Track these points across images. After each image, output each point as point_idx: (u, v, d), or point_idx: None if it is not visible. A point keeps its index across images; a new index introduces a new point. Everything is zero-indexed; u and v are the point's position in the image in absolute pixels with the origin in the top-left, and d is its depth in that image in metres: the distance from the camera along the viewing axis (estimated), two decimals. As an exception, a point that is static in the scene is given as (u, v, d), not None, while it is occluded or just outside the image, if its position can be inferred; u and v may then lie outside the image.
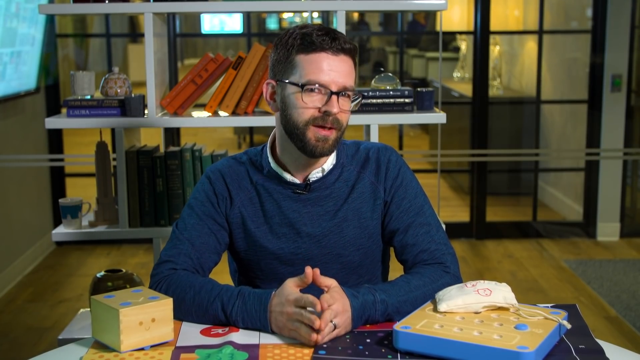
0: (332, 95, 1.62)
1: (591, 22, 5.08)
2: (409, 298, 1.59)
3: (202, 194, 1.74)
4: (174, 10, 2.63)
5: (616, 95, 5.00)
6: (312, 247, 1.71)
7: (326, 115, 1.62)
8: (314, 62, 1.62)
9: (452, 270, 1.69)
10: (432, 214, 1.75)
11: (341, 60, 1.63)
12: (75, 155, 6.27)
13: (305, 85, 1.62)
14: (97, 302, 1.46)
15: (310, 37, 1.62)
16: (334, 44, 1.62)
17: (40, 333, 3.63)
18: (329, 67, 1.62)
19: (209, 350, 1.44)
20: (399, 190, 1.74)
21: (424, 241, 1.70)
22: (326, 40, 1.62)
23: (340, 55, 1.63)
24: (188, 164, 2.61)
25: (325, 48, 1.62)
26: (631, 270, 4.48)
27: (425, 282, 1.63)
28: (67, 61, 6.00)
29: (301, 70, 1.63)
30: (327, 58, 1.62)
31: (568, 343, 1.45)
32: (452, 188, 6.35)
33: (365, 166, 1.76)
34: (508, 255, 4.82)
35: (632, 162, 5.32)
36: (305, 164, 1.71)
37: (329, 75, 1.62)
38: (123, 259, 4.73)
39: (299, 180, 1.73)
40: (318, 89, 1.62)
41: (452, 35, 7.67)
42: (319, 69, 1.62)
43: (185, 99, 2.62)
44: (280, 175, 1.72)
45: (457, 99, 6.20)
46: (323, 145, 1.64)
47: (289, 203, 1.72)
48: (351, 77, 1.65)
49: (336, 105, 1.62)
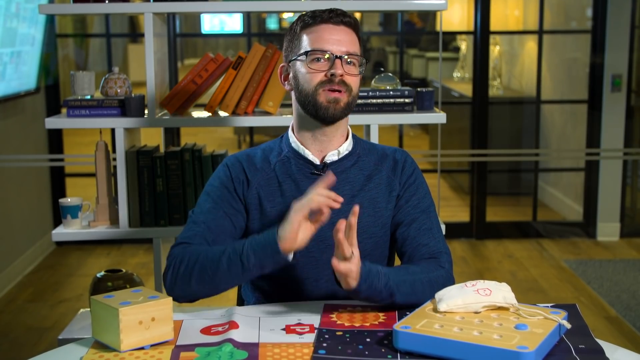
0: (336, 59, 1.70)
1: (591, 22, 5.08)
2: (407, 279, 1.63)
3: (217, 180, 1.79)
4: (174, 10, 2.63)
5: (616, 95, 5.00)
6: (326, 229, 1.72)
7: (333, 77, 1.70)
8: (316, 33, 1.73)
9: (447, 267, 1.73)
10: (435, 217, 1.82)
11: (342, 30, 1.74)
12: (75, 155, 6.27)
13: (310, 53, 1.71)
14: (97, 302, 1.46)
15: (312, 14, 1.75)
16: (332, 14, 1.73)
17: (40, 333, 3.63)
18: (330, 35, 1.73)
19: (209, 348, 1.44)
20: (411, 187, 1.81)
21: (425, 237, 1.76)
22: (326, 13, 1.74)
23: (341, 26, 1.74)
24: (188, 164, 2.61)
25: (325, 20, 1.73)
26: (631, 270, 4.48)
27: (422, 270, 1.69)
28: (67, 61, 6.00)
29: (305, 44, 1.74)
30: (328, 28, 1.73)
31: (568, 343, 1.45)
32: (452, 188, 6.35)
33: (383, 161, 1.83)
34: (508, 255, 4.82)
35: (632, 162, 5.32)
36: (321, 140, 1.78)
37: (331, 42, 1.72)
38: (123, 259, 4.73)
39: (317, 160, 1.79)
40: (322, 53, 1.71)
41: (452, 35, 7.67)
42: (321, 38, 1.73)
43: (185, 99, 2.62)
44: (299, 153, 1.78)
45: (457, 99, 6.20)
46: (335, 107, 1.72)
47: (307, 184, 1.75)
48: (354, 45, 1.74)
49: (340, 67, 1.70)
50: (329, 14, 1.73)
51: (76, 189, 5.31)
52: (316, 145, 1.79)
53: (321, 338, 1.49)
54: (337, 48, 1.71)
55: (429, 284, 1.65)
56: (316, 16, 1.74)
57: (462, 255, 4.82)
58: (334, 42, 1.71)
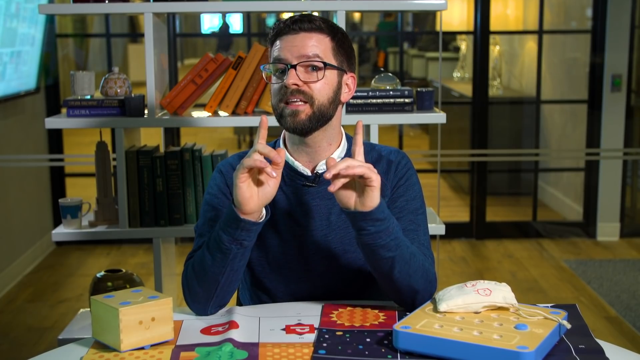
0: (289, 69, 1.62)
1: (591, 22, 5.08)
2: (409, 246, 1.59)
3: (215, 188, 1.76)
4: (174, 10, 2.63)
5: (616, 95, 5.00)
6: (319, 240, 1.71)
7: (286, 88, 1.63)
8: (277, 46, 1.67)
9: (432, 267, 1.68)
10: (424, 221, 1.75)
11: (301, 37, 1.64)
12: (75, 155, 6.27)
13: (268, 67, 1.66)
14: (97, 302, 1.46)
15: (277, 27, 1.68)
16: (293, 25, 1.65)
17: (40, 333, 3.63)
18: (286, 44, 1.65)
19: (209, 348, 1.44)
20: (401, 188, 1.75)
21: (409, 237, 1.69)
22: (287, 24, 1.66)
23: (300, 33, 1.65)
24: (188, 164, 2.61)
25: (285, 31, 1.66)
26: (631, 270, 4.48)
27: (418, 252, 1.64)
28: (67, 61, 6.01)
29: (271, 58, 1.69)
30: (287, 38, 1.65)
31: (568, 343, 1.45)
32: (452, 188, 6.35)
33: (377, 164, 1.76)
34: (508, 255, 4.82)
35: (632, 162, 5.32)
36: (307, 150, 1.72)
37: (287, 50, 1.64)
38: (123, 259, 4.73)
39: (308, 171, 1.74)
40: (280, 67, 1.64)
41: (452, 35, 7.68)
42: (280, 48, 1.65)
43: (185, 99, 2.62)
44: (290, 165, 1.73)
45: (457, 99, 6.20)
46: (294, 120, 1.64)
47: (298, 195, 1.73)
48: (314, 47, 1.64)
49: (293, 77, 1.62)
50: (291, 25, 1.65)
51: (76, 189, 5.31)
52: (303, 156, 1.73)
53: (321, 338, 1.49)
54: (292, 54, 1.63)
55: (422, 269, 1.61)
56: (279, 29, 1.67)
57: (462, 255, 4.82)
58: (288, 50, 1.63)
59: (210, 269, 1.60)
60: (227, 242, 1.56)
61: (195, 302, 1.64)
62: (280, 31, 1.66)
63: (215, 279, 1.60)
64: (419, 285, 1.60)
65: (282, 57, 1.64)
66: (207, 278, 1.61)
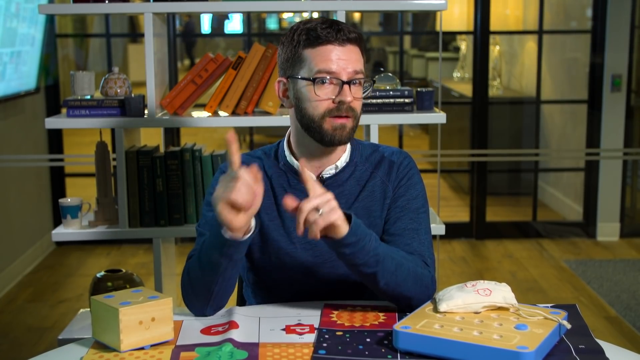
0: (344, 85, 1.64)
1: (591, 22, 5.08)
2: (396, 258, 1.59)
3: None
4: (174, 10, 2.63)
5: (616, 95, 5.00)
6: (322, 243, 1.71)
7: (341, 104, 1.64)
8: (321, 54, 1.64)
9: (431, 271, 1.68)
10: (426, 221, 1.75)
11: (348, 50, 1.65)
12: (75, 155, 6.27)
13: (317, 78, 1.64)
14: (97, 302, 1.46)
15: (315, 32, 1.65)
16: (339, 35, 1.64)
17: (40, 333, 3.63)
18: (337, 57, 1.64)
19: (209, 348, 1.44)
20: (402, 188, 1.75)
21: (409, 236, 1.70)
22: (331, 33, 1.64)
23: (347, 45, 1.65)
24: (188, 164, 2.61)
25: (331, 40, 1.64)
26: (631, 270, 4.48)
27: (411, 260, 1.64)
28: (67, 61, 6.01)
29: (310, 64, 1.65)
30: (334, 49, 1.64)
31: (568, 343, 1.45)
32: (452, 188, 6.35)
33: (379, 166, 1.77)
34: (508, 255, 4.82)
35: (632, 162, 5.32)
36: (320, 158, 1.72)
37: (338, 65, 1.64)
38: (123, 259, 4.73)
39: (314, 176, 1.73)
40: (329, 80, 1.64)
41: (452, 35, 7.68)
42: (328, 60, 1.64)
43: (185, 99, 2.62)
44: (296, 169, 1.73)
45: (457, 99, 6.20)
46: (341, 134, 1.66)
47: (303, 199, 1.72)
48: (360, 63, 1.67)
49: (349, 94, 1.64)
50: (336, 33, 1.63)
51: (76, 189, 5.31)
52: (315, 162, 1.73)
53: (321, 338, 1.49)
54: (345, 70, 1.63)
55: (413, 276, 1.61)
56: (320, 36, 1.63)
57: (462, 255, 4.82)
58: (340, 64, 1.63)
59: (203, 279, 1.60)
60: (215, 258, 1.57)
61: (193, 307, 1.65)
62: (319, 38, 1.64)
63: (208, 288, 1.61)
64: (410, 292, 1.61)
65: (334, 70, 1.64)
66: (201, 287, 1.61)
